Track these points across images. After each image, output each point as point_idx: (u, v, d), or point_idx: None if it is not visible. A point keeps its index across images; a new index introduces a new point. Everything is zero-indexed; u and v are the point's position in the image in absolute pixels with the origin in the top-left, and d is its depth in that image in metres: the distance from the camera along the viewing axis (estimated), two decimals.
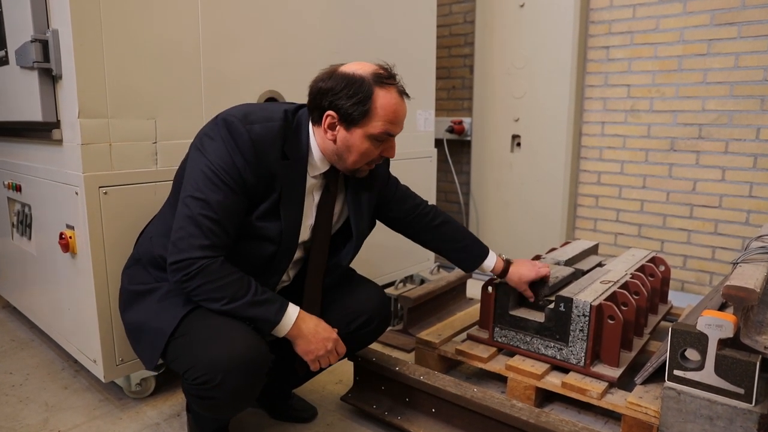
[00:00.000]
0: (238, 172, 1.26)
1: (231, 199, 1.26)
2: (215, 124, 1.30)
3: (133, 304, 1.40)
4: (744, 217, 2.59)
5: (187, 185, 1.28)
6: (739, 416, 1.25)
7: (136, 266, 1.45)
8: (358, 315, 1.53)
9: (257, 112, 1.33)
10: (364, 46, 2.43)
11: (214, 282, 1.23)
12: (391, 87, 1.32)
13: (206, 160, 1.26)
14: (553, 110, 2.97)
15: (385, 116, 1.31)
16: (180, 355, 1.26)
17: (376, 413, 1.67)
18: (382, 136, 1.33)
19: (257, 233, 1.34)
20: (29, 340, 2.29)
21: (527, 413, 1.41)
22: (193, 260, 1.22)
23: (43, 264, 2.01)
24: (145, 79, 1.68)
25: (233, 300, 1.24)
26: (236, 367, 1.20)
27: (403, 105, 1.35)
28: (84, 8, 1.52)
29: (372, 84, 1.29)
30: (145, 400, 1.82)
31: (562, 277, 1.93)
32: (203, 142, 1.30)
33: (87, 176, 1.59)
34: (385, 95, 1.30)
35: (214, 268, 1.23)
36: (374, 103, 1.29)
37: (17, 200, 2.15)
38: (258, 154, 1.27)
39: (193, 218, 1.24)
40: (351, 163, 1.37)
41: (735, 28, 2.50)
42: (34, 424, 1.68)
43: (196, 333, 1.25)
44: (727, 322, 1.27)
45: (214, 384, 1.19)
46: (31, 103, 1.68)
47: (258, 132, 1.28)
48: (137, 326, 1.38)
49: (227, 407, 1.27)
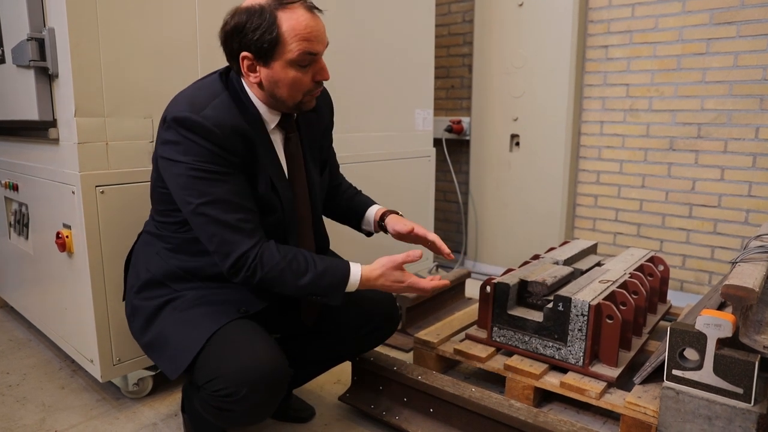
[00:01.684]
0: (218, 156, 1.22)
1: (231, 182, 1.24)
2: (169, 128, 1.24)
3: (155, 319, 1.36)
4: (743, 217, 2.59)
5: (187, 197, 1.23)
6: (738, 416, 1.25)
7: (150, 288, 1.39)
8: (369, 319, 1.53)
9: (198, 94, 1.28)
10: (362, 45, 2.43)
11: (274, 269, 1.23)
12: (294, 5, 1.22)
13: (182, 164, 1.22)
14: (552, 110, 2.97)
15: (297, 37, 1.21)
16: (203, 365, 1.23)
17: (374, 413, 1.67)
18: (303, 58, 1.24)
19: (266, 206, 1.33)
20: (27, 339, 2.28)
21: (525, 413, 1.41)
22: (244, 256, 1.22)
23: (40, 264, 2.00)
24: (141, 77, 1.67)
25: (295, 281, 1.25)
26: (261, 381, 1.19)
27: (316, 19, 1.25)
28: (80, 7, 1.51)
29: (273, 9, 1.21)
30: (143, 400, 1.82)
31: (561, 276, 1.93)
32: (166, 151, 1.25)
33: (83, 175, 1.59)
34: (290, 16, 1.21)
35: (266, 257, 1.23)
36: (280, 28, 1.21)
37: (14, 199, 2.14)
38: (225, 132, 1.23)
39: (216, 220, 1.22)
40: (287, 98, 1.29)
41: (734, 27, 2.49)
42: (30, 424, 1.68)
43: (220, 345, 1.23)
44: (725, 322, 1.26)
45: (237, 397, 1.18)
46: (27, 102, 1.67)
47: (212, 115, 1.22)
48: (161, 339, 1.33)
49: (243, 420, 1.26)
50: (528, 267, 2.05)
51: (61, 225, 1.74)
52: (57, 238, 1.71)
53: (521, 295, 1.89)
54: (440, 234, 3.68)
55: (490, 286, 1.87)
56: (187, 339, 1.27)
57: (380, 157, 2.61)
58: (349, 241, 2.06)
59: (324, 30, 1.27)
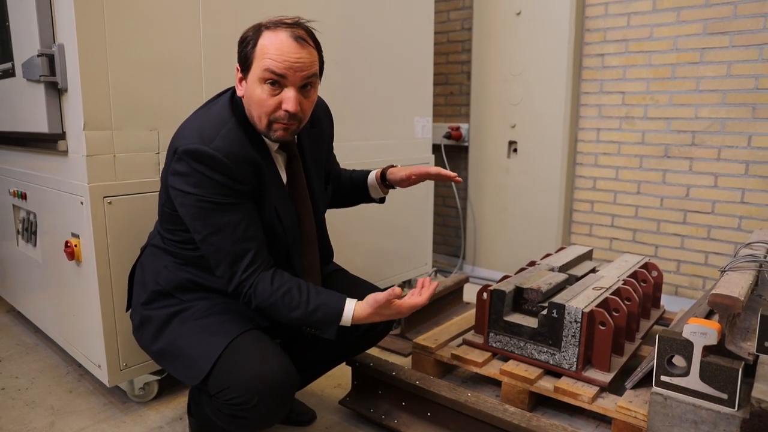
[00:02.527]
0: (227, 188, 1.27)
1: (239, 212, 1.30)
2: (179, 160, 1.28)
3: (167, 328, 1.40)
4: (736, 223, 2.63)
5: (196, 226, 1.30)
6: (723, 420, 1.30)
7: (160, 299, 1.44)
8: None
9: (206, 124, 1.31)
10: (361, 53, 2.47)
11: (266, 301, 1.30)
12: (281, 28, 1.26)
13: (192, 196, 1.27)
14: (549, 117, 3.01)
15: (266, 54, 1.25)
16: (216, 375, 1.28)
17: (373, 417, 1.72)
18: (265, 74, 1.25)
19: (270, 232, 1.38)
20: (34, 344, 2.34)
21: (519, 417, 1.45)
22: (240, 285, 1.30)
23: (48, 270, 2.05)
24: (148, 91, 1.72)
25: (289, 312, 1.30)
26: (271, 391, 1.24)
27: (294, 46, 1.25)
28: (89, 23, 1.57)
29: (264, 27, 1.28)
30: (148, 404, 1.87)
31: (556, 283, 1.98)
32: (177, 182, 1.29)
33: (92, 186, 1.64)
34: (270, 35, 1.26)
35: (260, 290, 1.29)
36: (259, 43, 1.26)
37: (22, 208, 2.19)
38: (236, 162, 1.27)
39: (222, 250, 1.28)
40: (256, 119, 1.31)
41: (727, 37, 2.54)
42: (40, 428, 1.73)
43: (231, 355, 1.29)
44: (711, 330, 1.31)
45: (249, 406, 1.23)
46: (37, 115, 1.72)
47: (223, 146, 1.27)
48: (175, 347, 1.38)
49: (255, 426, 1.32)
50: (524, 274, 2.10)
51: (69, 234, 1.80)
52: (66, 247, 1.76)
53: (517, 301, 1.94)
54: (440, 239, 3.73)
55: (487, 293, 1.92)
56: (205, 346, 1.32)
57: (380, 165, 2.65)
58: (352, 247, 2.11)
59: (301, 61, 1.26)
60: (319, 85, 1.38)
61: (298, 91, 1.29)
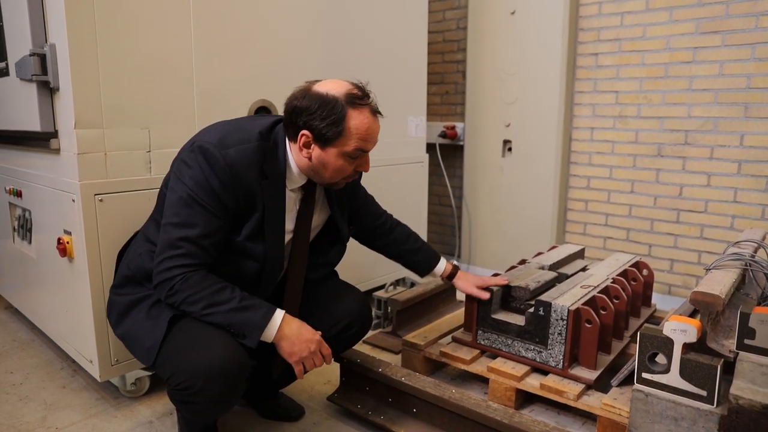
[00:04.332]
0: (216, 195, 1.32)
1: (211, 221, 1.33)
2: (191, 151, 1.35)
3: (128, 314, 1.44)
4: (729, 222, 2.64)
5: (167, 212, 1.34)
6: (702, 417, 1.31)
7: (129, 285, 1.48)
8: (339, 319, 1.58)
9: (233, 134, 1.37)
10: (355, 55, 2.49)
11: (198, 292, 1.29)
12: (364, 107, 1.37)
13: (184, 186, 1.32)
14: (543, 116, 3.02)
15: (358, 135, 1.36)
16: (165, 361, 1.32)
17: (361, 413, 1.74)
18: (356, 153, 1.39)
19: (243, 252, 1.40)
20: (30, 340, 2.36)
21: (501, 414, 1.47)
22: (173, 277, 1.29)
23: (42, 267, 2.08)
24: (139, 90, 1.75)
25: (218, 305, 1.29)
26: (216, 375, 1.25)
27: (376, 123, 1.41)
28: (80, 24, 1.59)
29: (345, 105, 1.34)
30: (140, 399, 1.89)
31: (544, 281, 1.99)
32: (181, 169, 1.35)
33: (83, 184, 1.66)
34: (357, 116, 1.35)
35: (195, 280, 1.30)
36: (347, 124, 1.34)
37: (18, 205, 2.22)
38: (234, 177, 1.33)
39: (172, 242, 1.31)
40: (327, 178, 1.43)
41: (719, 36, 2.54)
42: (32, 422, 1.75)
43: (180, 341, 1.31)
44: (691, 327, 1.32)
45: (194, 390, 1.25)
46: (30, 114, 1.75)
47: (233, 156, 1.33)
48: (132, 333, 1.42)
49: (207, 412, 1.33)
50: (513, 272, 2.11)
51: (62, 231, 1.82)
52: (58, 243, 1.79)
53: (505, 299, 1.95)
54: (435, 238, 3.75)
55: None
56: (154, 326, 1.36)
57: (374, 164, 2.66)
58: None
59: (378, 131, 1.42)
60: None
61: None
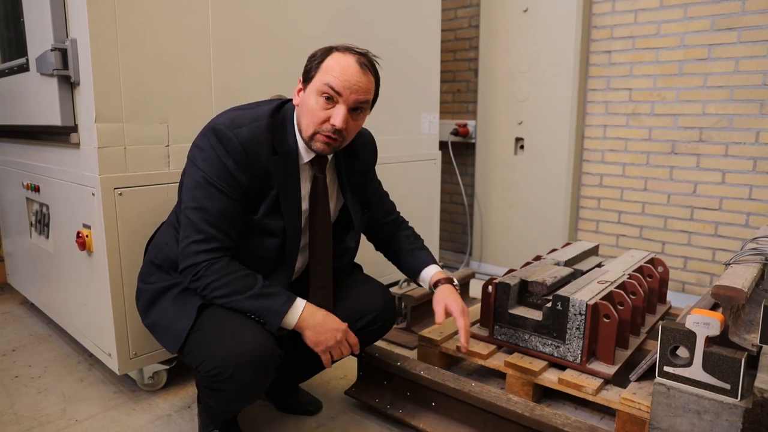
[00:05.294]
0: (231, 175, 1.33)
1: (227, 203, 1.34)
2: (204, 135, 1.37)
3: (156, 302, 1.46)
4: (744, 220, 2.63)
5: (186, 197, 1.37)
6: (725, 410, 1.30)
7: (156, 273, 1.50)
8: (365, 313, 1.58)
9: (244, 115, 1.40)
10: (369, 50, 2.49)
11: (221, 279, 1.32)
12: (350, 53, 1.37)
13: (199, 170, 1.34)
14: (555, 113, 3.02)
15: (330, 70, 1.34)
16: (195, 349, 1.33)
17: (379, 406, 1.74)
18: (324, 88, 1.34)
19: (263, 230, 1.41)
20: (46, 335, 2.38)
21: (522, 406, 1.47)
22: (197, 264, 1.32)
23: (60, 262, 2.09)
24: (158, 85, 1.76)
25: (240, 292, 1.32)
26: (246, 362, 1.26)
27: (355, 68, 1.35)
28: (101, 19, 1.60)
29: (334, 49, 1.38)
30: (157, 393, 1.90)
31: (561, 277, 1.98)
32: (194, 153, 1.38)
33: (103, 178, 1.67)
34: (338, 56, 1.36)
35: (219, 266, 1.32)
36: (326, 61, 1.36)
37: (35, 200, 2.23)
38: (248, 155, 1.34)
39: (194, 226, 1.33)
40: (304, 126, 1.39)
41: (735, 33, 2.54)
42: (52, 414, 1.76)
43: (211, 328, 1.32)
44: (714, 321, 1.32)
45: (224, 377, 1.26)
46: (50, 108, 1.76)
47: (245, 135, 1.35)
48: (160, 320, 1.45)
49: (236, 400, 1.34)
50: (529, 268, 2.11)
51: (81, 225, 1.83)
52: (77, 237, 1.80)
53: (522, 294, 1.95)
54: (447, 235, 3.74)
55: (492, 286, 1.93)
56: (182, 315, 1.38)
57: (387, 160, 2.68)
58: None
59: (362, 85, 1.36)
60: (368, 114, 1.46)
61: (348, 111, 1.37)
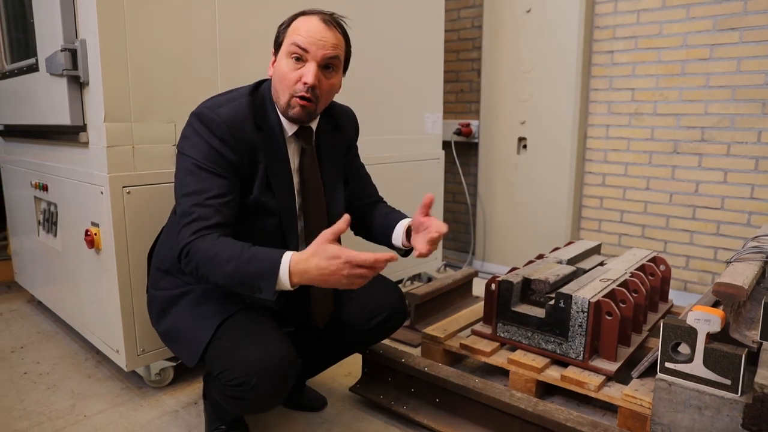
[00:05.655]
0: (219, 155, 1.32)
1: (220, 181, 1.32)
2: (188, 123, 1.38)
3: (170, 310, 1.46)
4: (745, 219, 2.64)
5: (178, 186, 1.36)
6: (726, 406, 1.32)
7: (164, 278, 1.50)
8: (378, 312, 1.59)
9: (223, 96, 1.41)
10: (375, 51, 2.52)
11: (207, 253, 1.24)
12: (313, 14, 1.38)
13: (188, 157, 1.34)
14: (558, 113, 3.04)
15: (296, 31, 1.35)
16: (217, 356, 1.32)
17: (383, 403, 1.76)
18: (292, 48, 1.34)
19: (259, 208, 1.41)
20: (54, 332, 2.40)
21: (525, 402, 1.49)
22: (188, 243, 1.27)
23: (68, 259, 2.12)
24: (165, 85, 1.78)
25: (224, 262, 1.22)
26: (270, 372, 1.27)
27: (322, 27, 1.35)
28: (110, 20, 1.62)
29: (299, 14, 1.39)
30: (164, 389, 1.92)
31: (563, 275, 2.00)
32: (181, 144, 1.38)
33: (112, 176, 1.70)
34: (303, 18, 1.38)
35: (206, 242, 1.26)
36: (292, 25, 1.38)
37: (43, 199, 2.26)
38: (233, 132, 1.33)
39: (186, 212, 1.31)
40: (280, 94, 1.38)
41: (737, 33, 2.55)
42: (62, 410, 1.79)
43: (233, 337, 1.33)
44: (714, 317, 1.33)
45: (248, 387, 1.26)
46: (59, 108, 1.78)
47: (226, 113, 1.34)
48: (176, 331, 1.44)
49: (256, 407, 1.36)
50: (532, 266, 2.13)
51: (89, 223, 1.85)
52: (86, 235, 1.82)
53: (525, 292, 1.97)
54: (450, 235, 3.76)
55: (495, 284, 1.95)
56: (199, 329, 1.37)
57: (390, 160, 2.70)
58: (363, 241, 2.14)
59: (328, 40, 1.35)
60: (342, 76, 1.46)
61: (320, 69, 1.36)
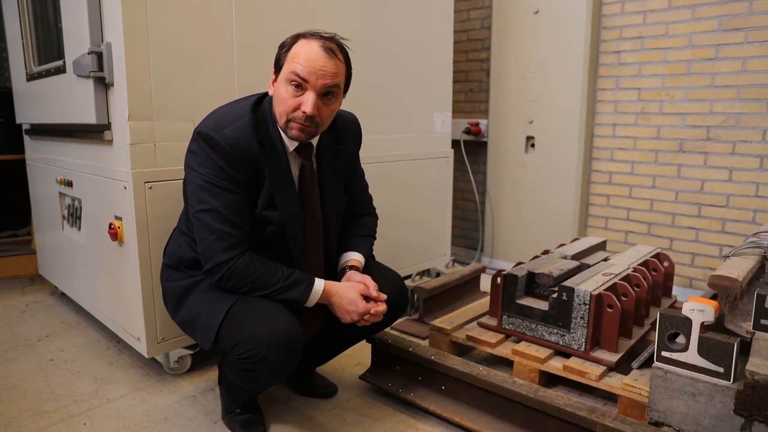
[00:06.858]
0: (226, 174, 1.41)
1: (233, 198, 1.43)
2: (194, 140, 1.45)
3: (184, 301, 1.57)
4: (750, 216, 2.67)
5: (192, 201, 1.45)
6: (719, 392, 1.38)
7: (176, 272, 1.61)
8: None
9: (227, 114, 1.46)
10: (383, 51, 2.59)
11: (246, 279, 1.43)
12: (313, 39, 1.40)
13: (199, 174, 1.43)
14: (566, 112, 3.09)
15: (296, 58, 1.38)
16: (229, 334, 1.43)
17: (391, 390, 1.83)
18: (290, 77, 1.38)
19: (264, 222, 1.49)
20: (76, 322, 2.51)
21: (527, 389, 1.55)
22: (221, 264, 1.42)
23: (91, 252, 2.22)
24: (185, 85, 1.87)
25: (265, 288, 1.44)
26: (278, 344, 1.36)
27: (322, 55, 1.38)
28: (134, 23, 1.72)
29: (300, 37, 1.42)
30: (182, 376, 2.02)
31: (567, 269, 2.06)
32: (190, 159, 1.46)
33: (135, 172, 1.79)
34: (304, 43, 1.40)
35: (242, 266, 1.42)
36: (293, 49, 1.41)
37: (68, 194, 2.36)
38: (237, 152, 1.41)
39: (207, 227, 1.42)
40: (278, 116, 1.45)
41: (742, 33, 2.59)
42: (86, 393, 1.89)
43: (242, 315, 1.42)
44: (708, 308, 1.39)
45: (258, 358, 1.36)
46: (85, 108, 1.88)
47: (230, 135, 1.40)
48: (191, 319, 1.55)
49: (266, 379, 1.45)
50: (537, 261, 2.19)
51: (113, 217, 1.95)
52: (110, 228, 1.92)
53: (529, 286, 2.03)
54: (458, 232, 3.83)
55: (501, 278, 2.02)
56: (211, 315, 1.47)
57: (400, 158, 2.77)
58: None
59: (328, 70, 1.39)
60: (342, 98, 1.51)
61: (319, 97, 1.41)
